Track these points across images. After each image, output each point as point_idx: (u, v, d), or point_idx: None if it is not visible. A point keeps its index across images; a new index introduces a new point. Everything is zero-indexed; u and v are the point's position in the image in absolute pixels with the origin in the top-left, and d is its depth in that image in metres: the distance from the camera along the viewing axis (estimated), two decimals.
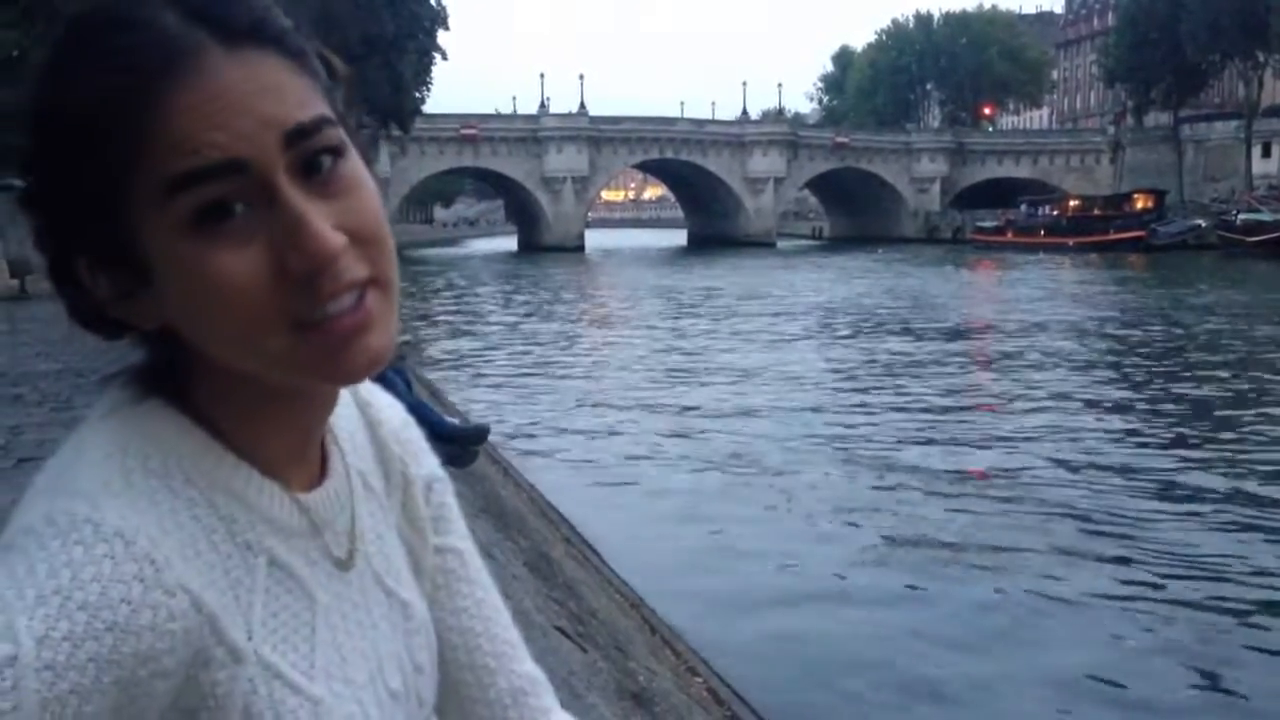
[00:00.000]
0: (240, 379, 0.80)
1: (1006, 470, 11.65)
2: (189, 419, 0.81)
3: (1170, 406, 15.39)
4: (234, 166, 0.72)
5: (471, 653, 1.01)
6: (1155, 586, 8.07)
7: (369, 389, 0.99)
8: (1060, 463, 11.86)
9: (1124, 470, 11.52)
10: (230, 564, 0.78)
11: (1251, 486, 10.78)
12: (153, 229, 0.74)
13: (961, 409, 15.54)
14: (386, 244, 0.79)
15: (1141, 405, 15.69)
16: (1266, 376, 18.46)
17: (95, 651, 0.67)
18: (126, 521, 0.72)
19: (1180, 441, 12.96)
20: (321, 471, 0.90)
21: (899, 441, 13.06)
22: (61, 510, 0.72)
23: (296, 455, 0.87)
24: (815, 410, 15.25)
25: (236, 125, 0.73)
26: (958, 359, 21.29)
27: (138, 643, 0.69)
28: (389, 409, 1.01)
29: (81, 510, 0.72)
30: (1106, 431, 13.73)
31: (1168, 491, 10.65)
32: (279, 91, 0.75)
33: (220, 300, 0.74)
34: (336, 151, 0.77)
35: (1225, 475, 11.23)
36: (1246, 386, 17.36)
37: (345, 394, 0.93)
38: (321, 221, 0.74)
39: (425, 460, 1.02)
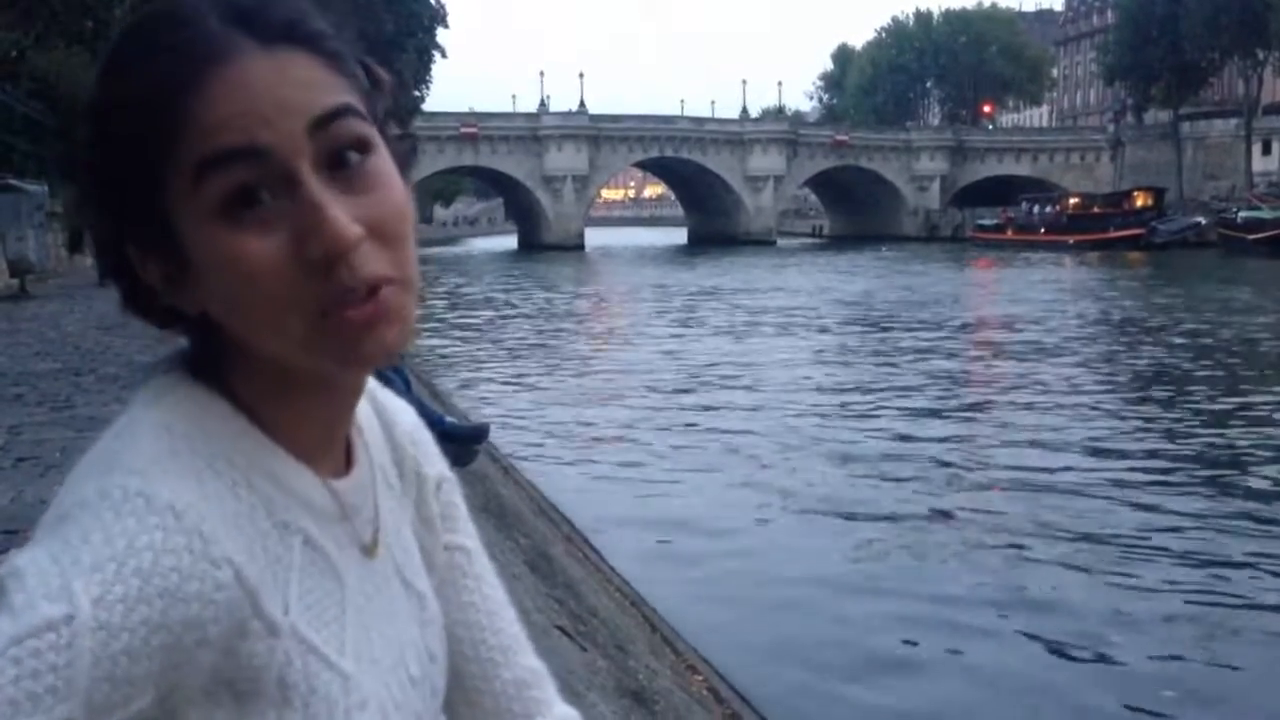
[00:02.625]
0: (272, 366, 0.83)
1: (1008, 465, 11.64)
2: (229, 404, 0.84)
3: (1171, 400, 15.38)
4: (254, 152, 0.76)
5: (477, 646, 1.05)
6: (1153, 585, 8.07)
7: (382, 392, 1.02)
8: (1059, 459, 11.85)
9: (1125, 466, 11.52)
10: (269, 541, 0.80)
11: (1251, 482, 10.78)
12: (186, 214, 0.78)
13: (963, 406, 15.55)
14: (408, 242, 0.83)
15: (1141, 401, 15.69)
16: (1269, 374, 18.45)
17: (147, 615, 0.70)
18: (177, 496, 0.75)
19: (1179, 438, 12.94)
20: (347, 463, 0.92)
21: (901, 439, 13.06)
22: (115, 485, 0.74)
23: (325, 444, 0.89)
24: (817, 408, 15.24)
25: (259, 113, 0.76)
26: (958, 357, 21.29)
27: (186, 610, 0.72)
28: (403, 412, 1.04)
29: (134, 485, 0.74)
30: (1107, 428, 13.72)
31: (1169, 487, 10.63)
32: (307, 85, 0.79)
33: (246, 282, 0.77)
34: (364, 148, 0.81)
35: (1226, 470, 11.23)
36: (1247, 385, 17.35)
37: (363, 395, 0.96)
38: (340, 211, 0.77)
39: (436, 461, 1.05)
